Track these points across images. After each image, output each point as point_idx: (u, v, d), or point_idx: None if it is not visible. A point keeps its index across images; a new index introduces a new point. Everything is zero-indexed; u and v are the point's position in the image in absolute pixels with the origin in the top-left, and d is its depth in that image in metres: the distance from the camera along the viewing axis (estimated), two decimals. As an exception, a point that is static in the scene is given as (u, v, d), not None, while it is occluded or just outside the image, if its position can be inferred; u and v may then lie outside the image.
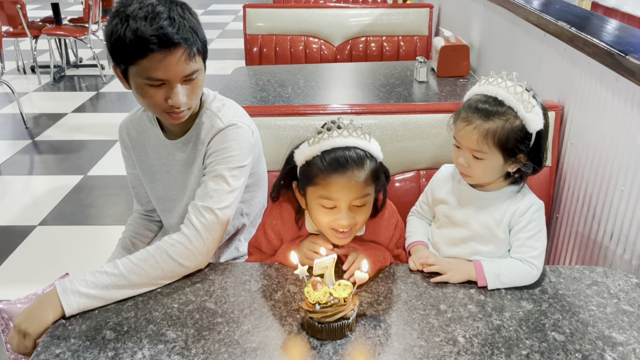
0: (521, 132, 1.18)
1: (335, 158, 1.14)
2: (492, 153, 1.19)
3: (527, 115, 1.17)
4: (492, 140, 1.17)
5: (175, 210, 1.47)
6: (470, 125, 1.19)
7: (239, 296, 1.16)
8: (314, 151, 1.16)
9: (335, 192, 1.14)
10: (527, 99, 1.18)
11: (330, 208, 1.16)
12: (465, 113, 1.22)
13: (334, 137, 1.16)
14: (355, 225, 1.19)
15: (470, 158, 1.21)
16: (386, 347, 1.02)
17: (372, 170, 1.16)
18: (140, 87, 1.21)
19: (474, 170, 1.22)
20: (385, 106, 1.73)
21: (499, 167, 1.21)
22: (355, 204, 1.16)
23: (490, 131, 1.17)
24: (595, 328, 1.07)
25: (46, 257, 2.70)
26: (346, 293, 1.03)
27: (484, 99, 1.20)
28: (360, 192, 1.15)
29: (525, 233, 1.22)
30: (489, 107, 1.18)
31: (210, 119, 1.34)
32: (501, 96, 1.19)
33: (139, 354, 1.00)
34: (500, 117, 1.17)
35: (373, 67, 2.87)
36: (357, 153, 1.15)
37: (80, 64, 6.06)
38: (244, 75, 2.78)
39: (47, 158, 3.86)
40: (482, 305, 1.13)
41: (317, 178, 1.15)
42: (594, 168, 1.51)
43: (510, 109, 1.18)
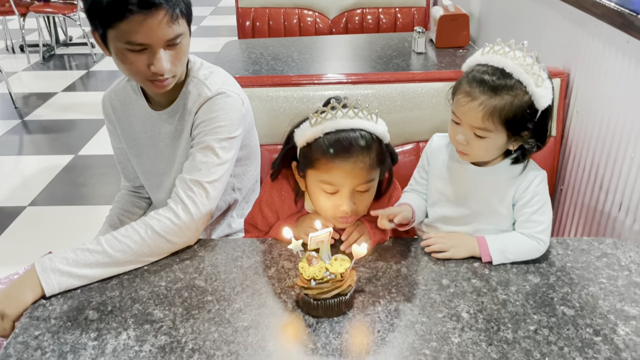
0: (530, 109, 1.06)
1: (338, 141, 1.05)
2: (496, 131, 1.08)
3: (537, 91, 1.05)
4: (498, 118, 1.06)
5: (164, 186, 1.41)
6: (474, 101, 1.06)
7: (230, 273, 1.10)
8: (316, 132, 1.07)
9: (338, 178, 1.07)
10: (537, 72, 1.06)
11: (332, 193, 1.09)
12: (468, 86, 1.08)
13: (338, 118, 1.06)
14: (360, 210, 1.12)
15: (470, 136, 1.10)
16: (386, 324, 0.96)
17: (378, 153, 1.09)
18: (120, 53, 1.13)
19: (474, 148, 1.12)
20: (383, 75, 1.65)
21: (500, 146, 1.12)
22: (359, 189, 1.09)
23: (497, 108, 1.05)
24: (607, 302, 1.01)
25: (36, 238, 2.64)
26: (343, 268, 0.97)
27: (490, 70, 1.07)
28: (364, 178, 1.08)
29: (530, 207, 1.14)
30: (496, 81, 1.05)
31: (197, 88, 1.26)
32: (509, 68, 1.06)
33: (123, 334, 0.94)
34: (508, 93, 1.05)
35: (369, 39, 2.78)
36: (362, 136, 1.06)
37: (70, 42, 5.92)
38: (236, 49, 2.69)
39: (37, 138, 3.77)
40: (487, 280, 1.07)
41: (318, 162, 1.07)
42: (601, 136, 1.44)
43: (519, 83, 1.05)
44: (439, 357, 0.89)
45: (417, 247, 1.18)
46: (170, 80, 1.19)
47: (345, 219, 1.13)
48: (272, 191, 1.25)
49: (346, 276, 0.97)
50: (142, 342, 0.93)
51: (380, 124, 1.11)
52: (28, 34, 5.77)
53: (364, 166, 1.06)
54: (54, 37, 5.65)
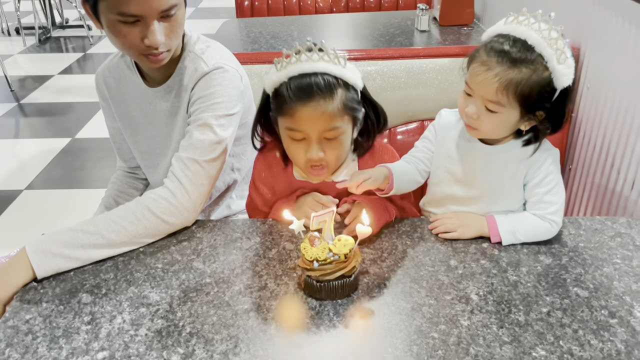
0: (548, 87, 1.00)
1: (300, 85, 1.01)
2: (509, 107, 1.01)
3: (558, 68, 0.98)
4: (513, 93, 0.99)
5: (161, 166, 1.36)
6: (490, 72, 1.00)
7: (230, 255, 1.06)
8: (281, 77, 1.03)
9: (301, 123, 1.03)
10: (561, 48, 0.98)
11: (300, 140, 1.05)
12: (485, 55, 1.01)
13: (302, 62, 1.02)
14: (330, 160, 1.07)
15: (482, 109, 1.04)
16: (392, 307, 0.92)
17: (345, 100, 1.03)
18: (112, 25, 1.08)
19: (484, 123, 1.06)
20: (387, 51, 1.60)
21: (512, 123, 1.05)
22: (326, 136, 1.04)
23: (513, 81, 0.99)
24: (622, 282, 0.97)
25: (33, 221, 2.59)
26: (347, 249, 0.93)
27: (511, 41, 1.00)
28: (328, 124, 1.03)
29: (542, 188, 1.09)
30: (516, 52, 0.99)
31: (194, 62, 1.21)
32: (532, 40, 0.98)
33: (118, 318, 0.90)
34: (528, 66, 0.98)
35: (371, 17, 2.71)
36: (325, 80, 1.01)
37: (67, 24, 5.83)
38: (234, 28, 2.63)
39: (34, 121, 3.71)
40: (496, 261, 1.03)
41: (283, 107, 1.04)
42: (613, 113, 1.39)
43: (541, 58, 0.98)
44: (447, 340, 0.85)
45: (423, 227, 1.13)
46: (165, 54, 1.14)
47: (317, 170, 1.09)
48: (261, 166, 1.21)
49: (350, 257, 0.93)
50: (137, 326, 0.89)
51: (349, 68, 1.05)
52: (24, 16, 5.68)
53: (326, 111, 1.02)
54: (50, 20, 5.56)
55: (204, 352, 0.84)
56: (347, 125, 1.06)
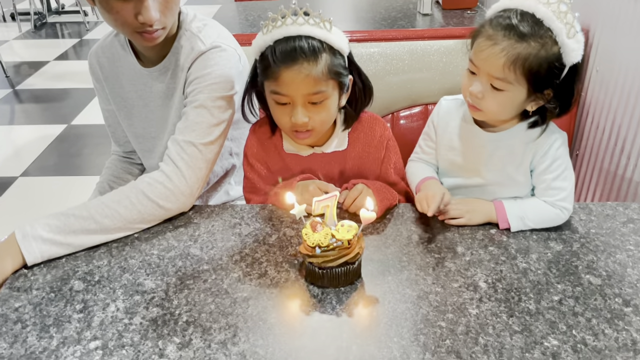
0: (557, 62, 0.95)
1: (284, 49, 1.00)
2: (516, 84, 0.97)
3: (568, 42, 0.93)
4: (521, 68, 0.95)
5: (156, 150, 1.31)
6: (497, 46, 0.95)
7: (228, 241, 1.02)
8: (266, 41, 1.02)
9: (285, 86, 1.01)
10: (570, 22, 0.93)
11: (284, 104, 1.04)
12: (492, 29, 0.96)
13: (287, 25, 1.00)
14: (315, 124, 1.06)
15: (487, 88, 0.99)
16: (397, 294, 0.88)
17: (330, 64, 1.02)
18: (104, 1, 1.03)
19: (489, 102, 1.00)
20: (390, 32, 1.55)
21: (518, 103, 1.00)
22: (311, 100, 1.03)
23: (521, 56, 0.94)
24: (636, 270, 0.93)
25: (28, 208, 2.55)
26: (350, 235, 0.89)
27: (518, 14, 0.95)
28: (312, 88, 1.01)
29: (551, 174, 1.05)
30: (524, 26, 0.94)
31: (190, 41, 1.16)
32: (540, 14, 0.94)
33: (112, 306, 0.87)
34: (536, 40, 0.94)
35: (372, 1, 2.65)
36: (310, 43, 1.00)
37: (62, 10, 5.75)
38: (232, 12, 2.57)
39: (29, 107, 3.66)
40: (505, 247, 1.00)
41: (267, 70, 1.02)
42: (624, 96, 1.35)
43: (550, 32, 0.94)
44: (456, 329, 0.81)
45: (428, 213, 1.09)
46: (160, 32, 1.09)
47: (302, 134, 1.07)
48: (253, 142, 1.18)
49: (354, 243, 0.89)
50: (132, 314, 0.85)
51: (335, 32, 1.03)
52: (19, 2, 5.59)
53: (310, 74, 1.00)
54: (45, 5, 5.48)
55: (201, 342, 0.80)
56: (332, 90, 1.04)
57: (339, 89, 1.06)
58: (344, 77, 1.06)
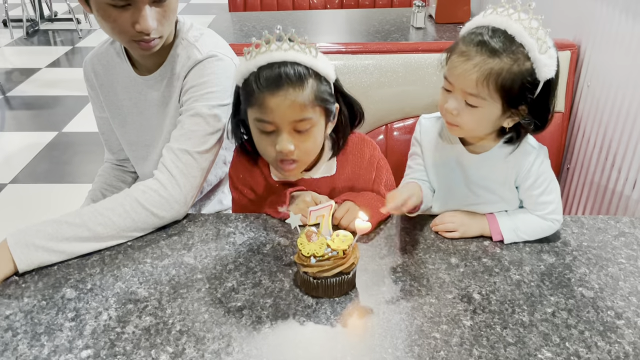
0: (530, 78, 0.95)
1: (268, 75, 0.97)
2: (490, 100, 0.96)
3: (540, 58, 0.93)
4: (494, 84, 0.94)
5: (150, 158, 1.31)
6: (469, 62, 0.95)
7: (222, 250, 1.01)
8: (249, 67, 0.99)
9: (269, 113, 0.98)
10: (542, 37, 0.94)
11: (269, 133, 1.01)
12: (464, 46, 0.96)
13: (272, 51, 0.98)
14: (300, 154, 1.02)
15: (462, 104, 0.98)
16: (392, 305, 0.88)
17: (316, 90, 0.99)
18: (102, 9, 1.03)
19: (464, 119, 0.99)
20: (384, 45, 1.56)
21: (494, 119, 0.99)
22: (297, 128, 1.00)
23: (494, 72, 0.93)
24: (627, 283, 0.94)
25: (18, 216, 2.53)
26: (346, 245, 0.89)
27: (490, 31, 0.95)
28: (298, 114, 0.98)
29: (536, 189, 1.05)
30: (496, 42, 0.94)
31: (187, 50, 1.16)
32: (512, 30, 0.94)
33: (104, 315, 0.86)
34: (508, 56, 0.93)
35: (366, 14, 2.68)
36: (295, 69, 0.97)
37: (55, 17, 5.73)
38: (227, 22, 2.58)
39: (20, 114, 3.63)
40: (499, 259, 1.00)
41: (251, 97, 0.99)
42: (614, 111, 1.36)
43: (522, 48, 0.94)
44: (450, 341, 0.82)
45: (423, 224, 1.10)
46: (156, 41, 1.09)
47: (287, 165, 1.03)
48: (238, 168, 1.16)
49: (349, 253, 0.89)
50: (124, 323, 0.84)
51: (320, 59, 1.01)
52: (11, 8, 5.58)
53: (296, 100, 0.97)
54: (38, 12, 5.46)
55: (194, 351, 0.79)
56: (318, 117, 1.02)
57: (325, 117, 1.04)
58: (331, 104, 1.04)
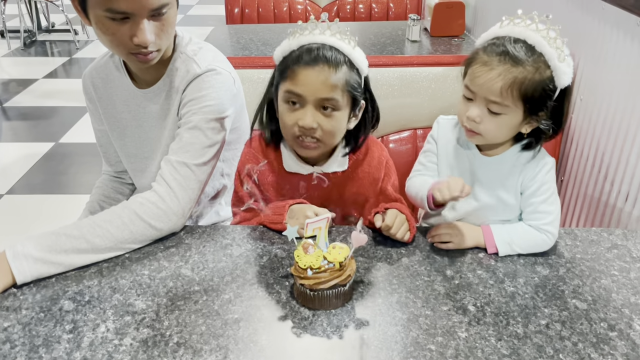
0: (550, 85, 1.00)
1: (309, 50, 1.03)
2: (513, 107, 1.00)
3: (559, 66, 0.98)
4: (517, 91, 0.98)
5: (149, 170, 1.32)
6: (493, 71, 0.99)
7: (219, 262, 1.02)
8: (292, 45, 1.06)
9: (301, 86, 1.03)
10: (560, 47, 0.99)
11: (295, 105, 1.05)
12: (486, 56, 1.01)
13: (314, 35, 1.05)
14: (323, 135, 1.06)
15: (485, 112, 1.02)
16: (387, 317, 0.89)
17: (348, 77, 1.05)
18: (100, 22, 1.04)
19: (487, 126, 1.03)
20: (380, 58, 1.58)
21: (514, 125, 1.04)
22: (323, 104, 1.04)
23: (518, 80, 0.98)
24: (620, 295, 0.95)
25: (14, 227, 2.53)
26: (342, 257, 0.90)
27: (510, 41, 1.00)
28: (327, 93, 1.03)
29: (538, 197, 1.08)
30: (517, 51, 0.99)
31: (186, 64, 1.18)
32: (532, 40, 0.99)
33: (102, 327, 0.86)
34: (531, 64, 0.98)
35: (362, 27, 2.71)
36: (333, 53, 1.04)
37: (53, 29, 5.76)
38: (225, 34, 2.61)
39: (16, 125, 3.64)
40: (493, 271, 1.01)
41: (287, 70, 1.05)
42: (607, 124, 1.38)
43: (542, 57, 0.99)
44: (445, 352, 0.82)
45: (418, 236, 1.11)
46: (154, 54, 1.11)
47: (308, 144, 1.07)
48: (248, 158, 1.18)
49: (345, 265, 0.90)
50: (122, 335, 0.85)
51: (357, 52, 1.08)
52: (9, 19, 5.60)
53: (328, 79, 1.02)
54: (35, 23, 5.49)
55: (192, 363, 0.80)
56: (345, 103, 1.06)
57: (350, 107, 1.08)
58: (359, 95, 1.08)
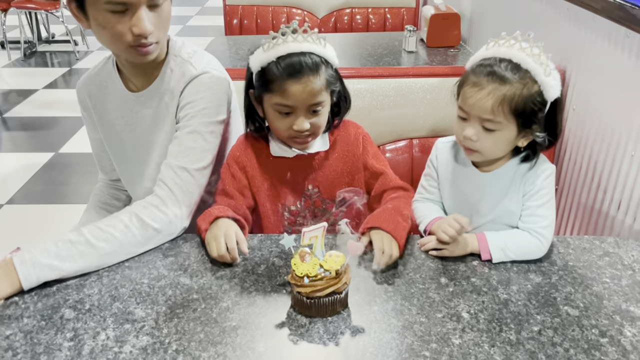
0: (539, 99, 1.04)
1: (290, 64, 1.09)
2: (507, 123, 1.04)
3: (546, 80, 1.03)
4: (508, 107, 1.03)
5: (146, 173, 1.32)
6: (483, 91, 1.04)
7: (218, 270, 1.04)
8: (269, 57, 1.11)
9: (291, 99, 1.11)
10: (545, 62, 1.03)
11: (287, 114, 1.13)
12: (476, 77, 1.06)
13: (288, 42, 1.10)
14: (315, 129, 1.16)
15: (480, 130, 1.06)
16: (383, 324, 0.91)
17: (327, 76, 1.13)
18: (100, 16, 1.06)
19: (484, 143, 1.07)
20: (376, 69, 1.61)
21: (511, 140, 1.08)
22: (313, 109, 1.13)
23: (507, 97, 1.02)
24: (611, 302, 0.97)
25: (14, 237, 2.54)
26: (338, 265, 0.92)
27: (497, 61, 1.05)
28: (315, 98, 1.12)
29: (536, 201, 1.11)
30: (504, 70, 1.04)
31: (181, 67, 1.20)
32: (517, 58, 1.04)
33: (102, 334, 0.88)
34: (518, 81, 1.03)
35: (360, 38, 2.74)
36: (312, 59, 1.11)
37: (53, 39, 5.80)
38: (223, 45, 2.63)
39: (16, 135, 3.66)
40: (487, 279, 1.03)
41: (272, 84, 1.11)
42: (599, 134, 1.41)
43: (528, 72, 1.03)
44: (439, 359, 0.84)
45: (413, 244, 1.13)
46: (154, 46, 1.12)
47: (302, 140, 1.17)
48: (239, 146, 1.24)
49: (341, 273, 0.92)
50: (122, 342, 0.86)
51: (328, 48, 1.15)
52: (9, 30, 5.63)
53: (315, 87, 1.11)
54: (35, 34, 5.53)
55: (190, 370, 0.81)
56: (327, 98, 1.16)
57: (331, 97, 1.17)
58: (336, 86, 1.18)
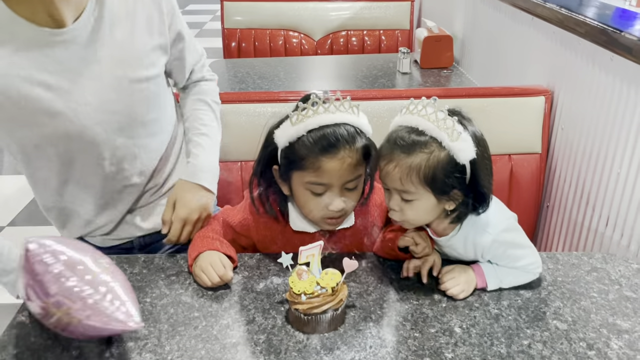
0: (450, 165, 0.98)
1: (324, 137, 1.00)
2: (420, 192, 1.00)
3: (453, 145, 0.97)
4: (417, 178, 0.98)
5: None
6: (391, 163, 0.99)
7: (218, 289, 1.07)
8: (299, 131, 1.02)
9: (327, 176, 1.02)
10: (450, 126, 0.97)
11: (320, 194, 1.05)
12: (386, 149, 1.01)
13: (319, 114, 1.02)
14: (348, 208, 1.08)
15: (399, 201, 1.02)
16: (378, 339, 0.94)
17: (364, 147, 1.05)
18: None
19: (407, 214, 1.03)
20: (370, 92, 1.65)
21: (432, 207, 1.02)
22: (348, 186, 1.05)
23: (413, 167, 0.98)
24: (599, 315, 1.01)
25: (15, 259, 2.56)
26: (334, 282, 0.95)
27: (404, 131, 1.01)
28: (353, 174, 1.04)
29: (505, 260, 1.07)
30: (407, 140, 0.99)
31: None
32: (422, 126, 0.99)
33: (106, 352, 0.91)
34: (422, 150, 0.98)
35: (355, 60, 2.80)
36: (347, 130, 1.02)
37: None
38: (222, 68, 2.69)
39: (17, 157, 3.69)
40: (478, 294, 1.06)
41: (304, 161, 1.02)
42: (587, 152, 1.45)
43: (433, 140, 0.98)
44: (432, 372, 0.87)
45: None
46: None
47: (335, 220, 1.09)
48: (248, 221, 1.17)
49: (338, 290, 0.96)
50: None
51: (362, 117, 1.07)
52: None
53: (352, 161, 1.02)
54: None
55: (192, 386, 0.84)
56: (363, 172, 1.07)
57: (365, 169, 1.08)
58: (369, 156, 1.07)
